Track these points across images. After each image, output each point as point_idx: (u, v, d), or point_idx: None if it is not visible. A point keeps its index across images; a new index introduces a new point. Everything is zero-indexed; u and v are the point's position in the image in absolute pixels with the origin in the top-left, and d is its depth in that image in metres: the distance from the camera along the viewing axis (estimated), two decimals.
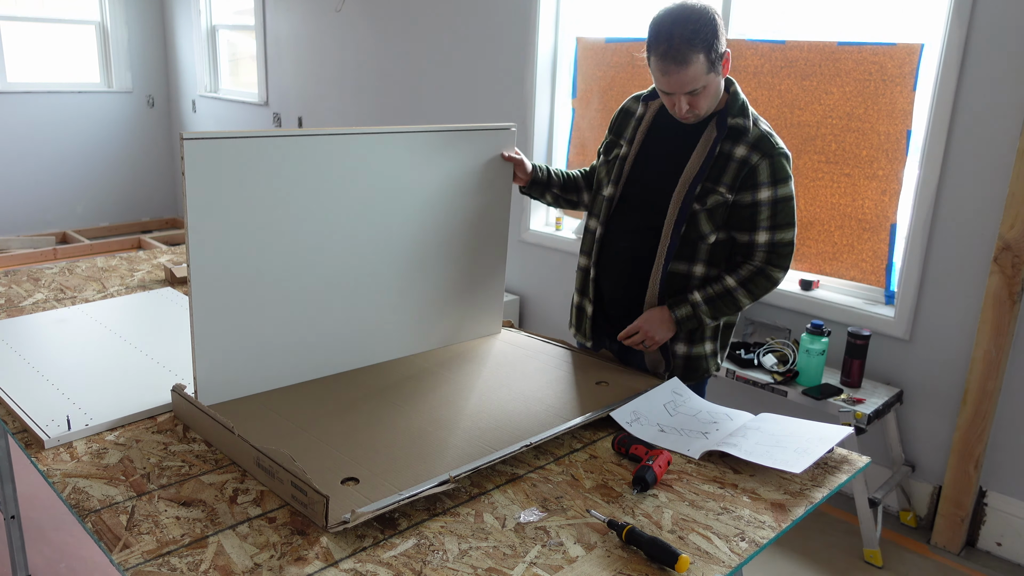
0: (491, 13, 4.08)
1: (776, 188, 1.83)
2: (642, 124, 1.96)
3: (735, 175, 1.83)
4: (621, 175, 1.97)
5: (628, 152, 1.97)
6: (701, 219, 1.85)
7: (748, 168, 1.82)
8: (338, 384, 1.77)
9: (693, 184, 1.84)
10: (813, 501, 1.42)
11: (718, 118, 1.85)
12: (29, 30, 6.23)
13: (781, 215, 1.85)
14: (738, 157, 1.83)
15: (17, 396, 1.67)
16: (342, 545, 1.25)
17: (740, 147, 1.83)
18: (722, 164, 1.84)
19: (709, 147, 1.84)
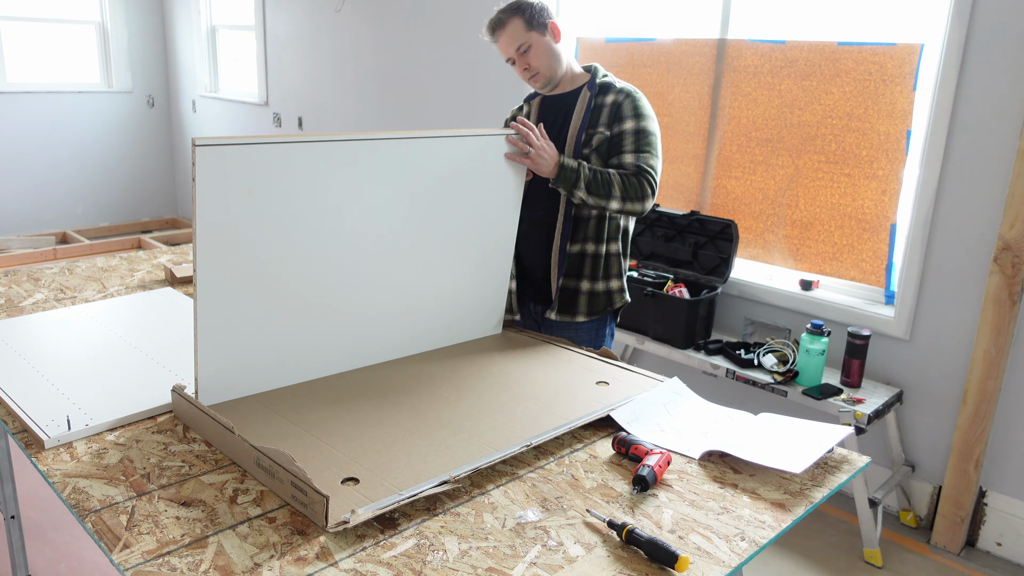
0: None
1: (638, 120, 2.15)
2: (530, 116, 2.30)
3: (608, 115, 2.16)
4: None
5: None
6: (592, 159, 2.15)
7: (616, 106, 2.16)
8: (338, 384, 1.77)
9: (579, 133, 2.16)
10: (813, 501, 1.42)
11: (588, 82, 2.21)
12: (29, 30, 6.23)
13: (643, 143, 2.14)
14: (608, 102, 2.17)
15: (17, 396, 1.67)
16: (342, 545, 1.25)
17: (609, 95, 2.18)
18: (598, 112, 2.17)
19: (586, 103, 2.18)
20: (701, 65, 3.39)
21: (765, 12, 3.25)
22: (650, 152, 2.13)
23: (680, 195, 3.56)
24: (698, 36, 3.41)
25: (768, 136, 3.23)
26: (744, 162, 3.32)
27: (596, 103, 2.17)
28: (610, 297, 2.27)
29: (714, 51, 3.34)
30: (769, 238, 3.31)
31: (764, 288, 3.26)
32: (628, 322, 3.30)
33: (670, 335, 3.16)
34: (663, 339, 3.19)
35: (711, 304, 3.21)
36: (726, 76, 3.32)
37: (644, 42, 3.58)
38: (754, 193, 3.32)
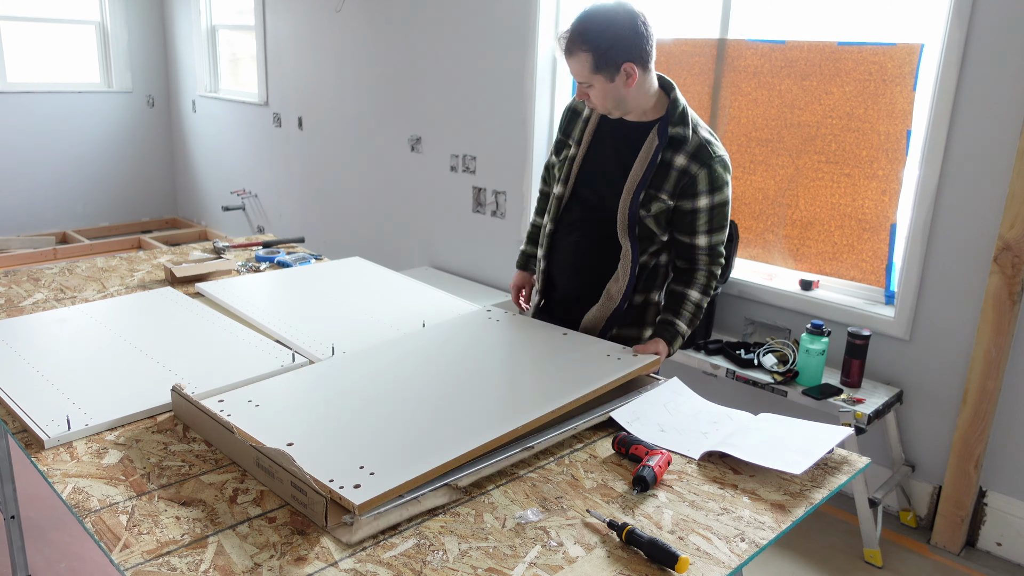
0: (491, 13, 4.08)
1: (713, 196, 1.94)
2: (588, 125, 2.06)
3: (675, 183, 1.93)
4: (570, 175, 2.07)
5: (576, 152, 2.06)
6: (649, 223, 1.97)
7: (688, 177, 1.92)
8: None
9: (637, 191, 1.94)
10: (813, 502, 1.42)
11: (659, 126, 1.94)
12: (29, 30, 6.23)
13: (717, 219, 1.98)
14: (678, 166, 1.92)
15: (17, 396, 1.67)
16: (342, 545, 1.25)
17: (680, 156, 1.92)
18: (663, 172, 1.93)
19: (651, 155, 1.93)
20: (701, 65, 3.39)
21: (765, 12, 3.25)
22: (722, 227, 1.99)
23: None
24: (698, 36, 3.41)
25: (768, 136, 3.23)
26: (744, 162, 3.32)
27: (663, 159, 1.92)
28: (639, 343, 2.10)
29: (714, 51, 3.34)
30: (769, 238, 3.31)
31: (764, 288, 3.26)
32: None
33: None
34: None
35: (711, 304, 3.21)
36: (726, 76, 3.32)
37: None
38: (754, 193, 3.32)
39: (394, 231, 4.97)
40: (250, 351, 1.94)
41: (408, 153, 4.74)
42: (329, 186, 5.42)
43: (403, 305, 2.34)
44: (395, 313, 2.26)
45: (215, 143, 6.51)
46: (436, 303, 2.37)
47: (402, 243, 4.92)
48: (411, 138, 4.68)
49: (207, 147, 6.62)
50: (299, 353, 1.94)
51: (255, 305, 2.28)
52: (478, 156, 4.30)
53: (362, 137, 5.06)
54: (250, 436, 1.47)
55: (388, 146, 4.86)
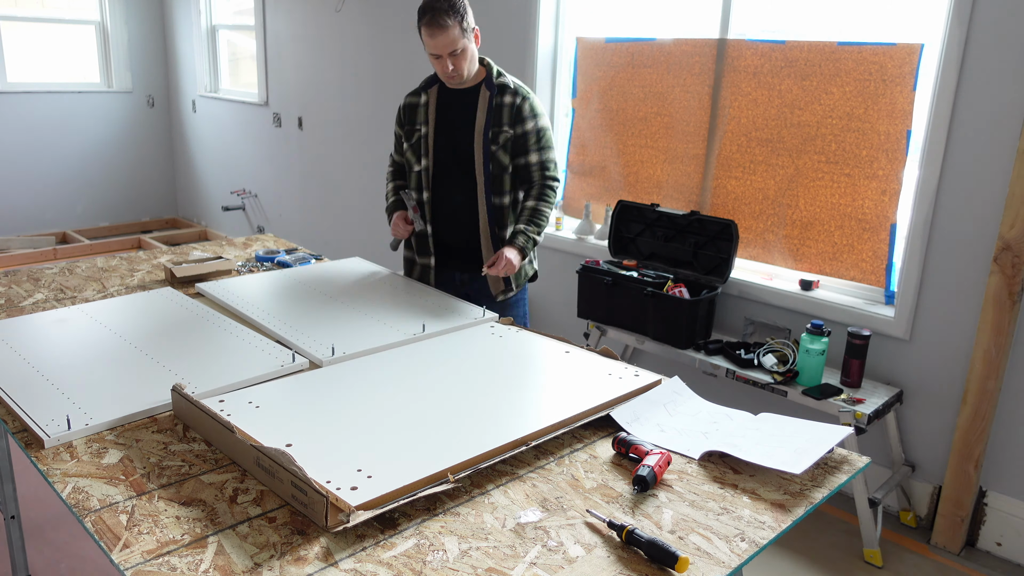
0: (491, 13, 4.08)
1: (537, 119, 2.48)
2: (430, 106, 2.53)
3: (509, 114, 2.46)
4: (428, 148, 2.52)
5: (427, 130, 2.52)
6: (500, 155, 2.46)
7: (516, 108, 2.46)
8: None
9: (485, 131, 2.44)
10: (813, 501, 1.42)
11: (486, 83, 2.47)
12: (29, 30, 6.23)
13: (544, 140, 2.51)
14: (507, 103, 2.46)
15: (17, 396, 1.67)
16: (342, 545, 1.25)
17: (507, 96, 2.47)
18: (499, 110, 2.46)
19: (488, 102, 2.45)
20: (701, 65, 3.39)
21: (765, 12, 3.25)
22: (549, 147, 2.52)
23: (680, 195, 3.56)
24: (698, 36, 3.41)
25: (768, 136, 3.23)
26: (744, 162, 3.32)
27: (496, 103, 2.45)
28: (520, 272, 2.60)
29: (714, 51, 3.34)
30: (769, 238, 3.31)
31: (764, 288, 3.26)
32: (628, 322, 3.30)
33: (670, 335, 3.16)
34: (663, 339, 3.19)
35: (711, 304, 3.21)
36: (726, 76, 3.32)
37: (644, 42, 3.58)
38: (754, 193, 3.32)
39: None
40: (250, 351, 1.94)
41: None
42: (329, 186, 5.42)
43: (403, 306, 2.34)
44: (395, 314, 2.26)
45: (215, 143, 6.51)
46: (436, 304, 2.37)
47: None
48: None
49: (207, 147, 6.62)
50: (299, 353, 1.94)
51: (255, 305, 2.28)
52: None
53: (362, 137, 5.06)
54: (250, 436, 1.47)
55: (388, 146, 4.86)
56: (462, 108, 2.48)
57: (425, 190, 2.55)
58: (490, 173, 2.45)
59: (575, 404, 1.69)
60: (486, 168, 2.45)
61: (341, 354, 1.93)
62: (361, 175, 5.13)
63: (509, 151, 2.47)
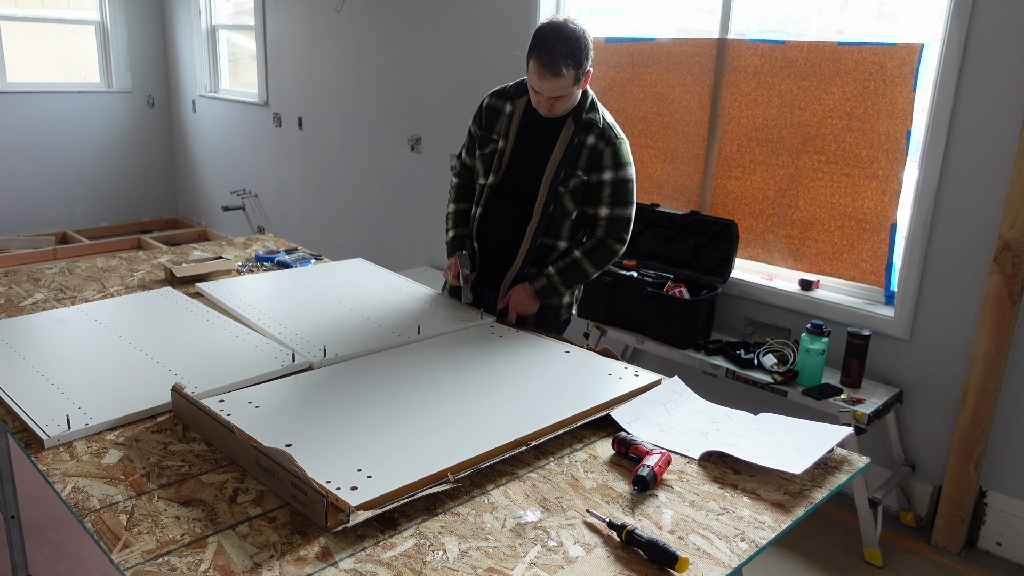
0: (491, 12, 4.08)
1: (617, 171, 2.22)
2: (513, 121, 2.29)
3: (587, 159, 2.21)
4: (501, 166, 2.30)
5: (504, 146, 2.30)
6: (565, 199, 2.23)
7: (596, 153, 2.21)
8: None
9: (558, 170, 2.21)
10: (813, 501, 1.42)
11: (575, 115, 2.22)
12: (29, 30, 6.23)
13: (620, 194, 2.23)
14: (588, 145, 2.21)
15: (17, 396, 1.67)
16: (342, 545, 1.25)
17: (591, 137, 2.21)
18: (578, 152, 2.22)
19: (569, 139, 2.21)
20: (701, 65, 3.39)
21: (765, 12, 3.25)
22: (625, 201, 2.25)
23: (680, 195, 3.56)
24: (698, 36, 3.41)
25: (768, 136, 3.23)
26: (744, 162, 3.32)
27: (578, 141, 2.21)
28: (557, 312, 2.36)
29: (714, 51, 3.34)
30: (769, 238, 3.31)
31: (764, 288, 3.26)
32: (628, 322, 3.30)
33: (670, 335, 3.16)
34: (663, 339, 3.19)
35: (711, 304, 3.21)
36: (726, 76, 3.32)
37: (644, 42, 3.58)
38: (754, 193, 3.32)
39: (394, 231, 4.97)
40: (250, 351, 1.94)
41: (408, 153, 4.74)
42: (329, 186, 5.42)
43: (403, 308, 2.34)
44: (395, 316, 2.26)
45: (215, 143, 6.51)
46: (437, 306, 2.37)
47: (402, 243, 4.92)
48: (411, 138, 4.68)
49: (207, 147, 6.62)
50: (296, 354, 1.94)
51: (254, 305, 2.28)
52: None
53: (362, 137, 5.06)
54: (250, 436, 1.47)
55: (388, 146, 4.86)
56: (543, 135, 2.25)
57: (480, 206, 2.36)
58: (549, 214, 2.24)
59: (575, 404, 1.69)
60: (545, 208, 2.23)
61: (333, 356, 1.93)
62: (361, 175, 5.13)
63: (577, 198, 2.23)
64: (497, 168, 2.30)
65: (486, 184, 2.33)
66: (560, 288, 2.26)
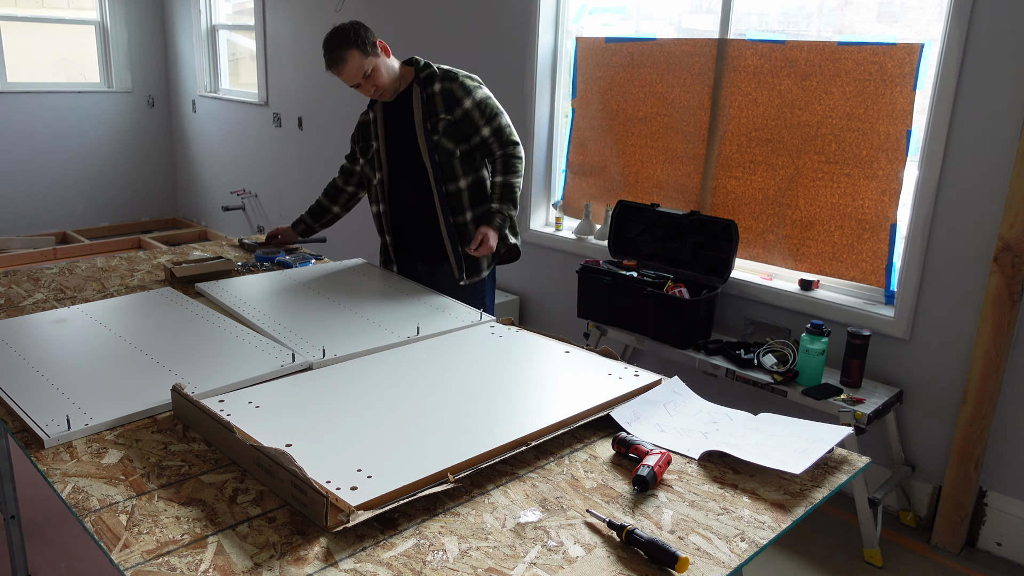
0: (491, 13, 4.08)
1: (472, 95, 2.53)
2: (378, 121, 2.61)
3: (442, 103, 2.52)
4: (381, 161, 2.61)
5: (378, 144, 2.61)
6: (443, 142, 2.51)
7: (446, 94, 2.52)
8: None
9: (424, 124, 2.50)
10: (813, 501, 1.42)
11: (415, 80, 2.53)
12: (29, 30, 6.23)
13: (487, 110, 2.55)
14: (437, 91, 2.53)
15: (17, 396, 1.67)
16: (342, 545, 1.25)
17: (435, 84, 2.53)
18: (431, 101, 2.52)
19: (421, 98, 2.51)
20: (701, 65, 3.39)
21: (765, 12, 3.25)
22: (495, 113, 2.56)
23: (680, 195, 3.56)
24: (698, 36, 3.41)
25: (768, 136, 3.23)
26: (744, 162, 3.32)
27: (427, 95, 2.52)
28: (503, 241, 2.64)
29: (714, 51, 3.34)
30: (769, 238, 3.31)
31: (764, 288, 3.26)
32: (628, 322, 3.30)
33: (670, 335, 3.16)
34: (663, 339, 3.19)
35: (711, 304, 3.21)
36: (726, 76, 3.32)
37: (644, 42, 3.58)
38: (754, 193, 3.32)
39: None
40: (250, 351, 1.94)
41: None
42: None
43: (403, 308, 2.34)
44: (395, 316, 2.26)
45: (215, 143, 6.51)
46: (437, 307, 2.37)
47: None
48: None
49: (207, 147, 6.62)
50: (296, 354, 1.94)
51: (254, 305, 2.28)
52: None
53: None
54: (250, 436, 1.47)
55: None
56: (403, 113, 2.56)
57: (381, 202, 2.66)
58: (437, 162, 2.51)
59: (575, 404, 1.69)
60: (432, 158, 2.51)
61: (332, 356, 1.93)
62: None
63: (453, 136, 2.52)
64: (379, 163, 2.61)
65: (377, 183, 2.64)
66: (509, 212, 2.56)
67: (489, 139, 2.56)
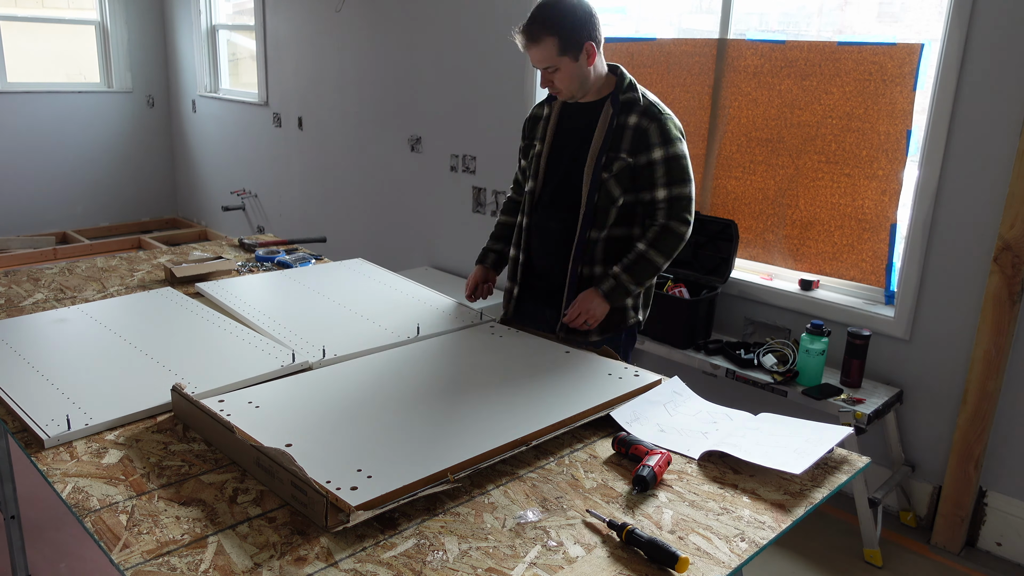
0: (491, 12, 4.08)
1: (667, 147, 2.09)
2: (550, 122, 2.23)
3: (631, 140, 2.09)
4: (539, 169, 2.24)
5: (542, 148, 2.24)
6: (610, 184, 2.11)
7: (640, 132, 2.08)
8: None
9: (599, 156, 2.10)
10: (813, 501, 1.42)
11: (611, 97, 2.12)
12: (29, 30, 6.23)
13: (674, 171, 2.10)
14: (631, 124, 2.09)
15: (17, 396, 1.67)
16: (342, 545, 1.25)
17: (632, 116, 2.10)
18: (619, 133, 2.10)
19: (608, 122, 2.10)
20: (701, 65, 3.39)
21: (765, 12, 3.25)
22: (682, 179, 2.10)
23: None
24: (698, 36, 3.41)
25: (768, 136, 3.23)
26: (744, 162, 3.32)
27: (618, 123, 2.09)
28: (624, 315, 2.22)
29: (714, 51, 3.34)
30: (769, 238, 3.31)
31: (764, 288, 3.26)
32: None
33: (670, 335, 3.16)
34: (663, 339, 3.19)
35: (711, 304, 3.21)
36: (726, 76, 3.32)
37: (644, 42, 3.58)
38: (754, 193, 3.32)
39: (394, 231, 4.97)
40: (250, 351, 1.94)
41: (408, 153, 4.74)
42: (329, 186, 5.42)
43: (403, 308, 2.34)
44: (395, 316, 2.26)
45: (215, 143, 6.51)
46: (437, 306, 2.37)
47: (402, 243, 4.92)
48: (411, 138, 4.68)
49: (207, 147, 6.62)
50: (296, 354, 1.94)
51: (254, 305, 2.28)
52: (478, 156, 4.30)
53: (362, 137, 5.06)
54: (250, 436, 1.47)
55: (388, 146, 4.86)
56: (582, 126, 2.15)
57: (525, 215, 2.28)
58: (593, 204, 2.11)
59: (575, 404, 1.69)
60: (590, 198, 2.11)
61: (332, 356, 1.93)
62: (361, 175, 5.13)
63: (624, 182, 2.10)
64: (536, 172, 2.23)
65: (528, 191, 2.27)
66: (629, 286, 2.11)
67: (660, 204, 2.12)
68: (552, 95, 2.22)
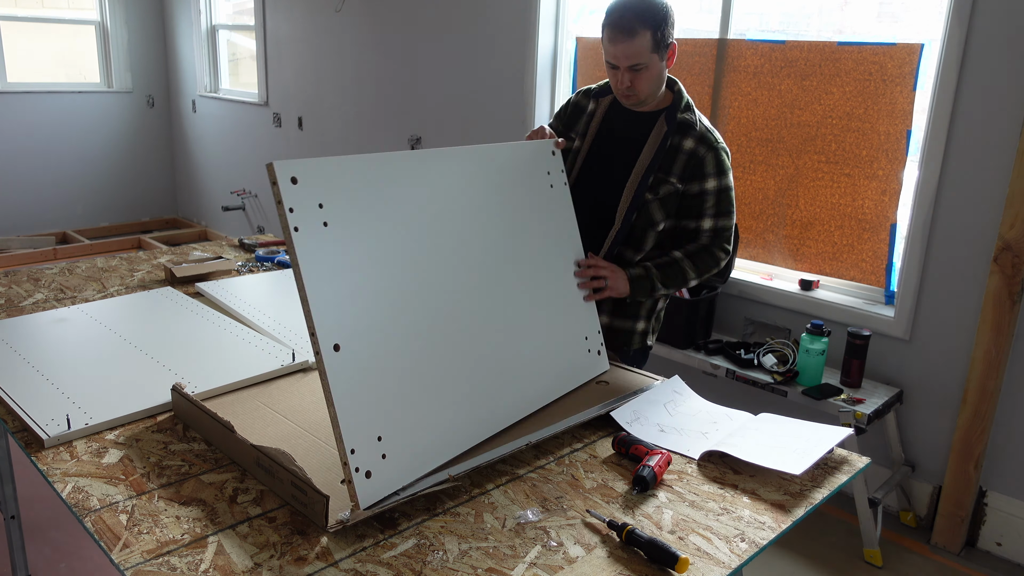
0: (491, 13, 4.08)
1: (720, 179, 2.00)
2: (594, 119, 2.09)
3: (684, 166, 1.98)
4: (574, 166, 2.09)
5: (581, 145, 2.09)
6: (653, 207, 1.99)
7: (696, 160, 1.98)
8: None
9: (647, 174, 1.98)
10: (813, 502, 1.42)
11: (667, 114, 1.99)
12: (29, 30, 6.23)
13: (723, 203, 2.02)
14: (687, 149, 1.98)
15: (17, 396, 1.67)
16: (342, 545, 1.25)
17: (688, 140, 1.98)
18: (672, 156, 1.99)
19: (660, 140, 1.98)
20: (701, 65, 3.39)
21: (765, 12, 3.25)
22: (728, 211, 2.04)
23: None
24: (698, 36, 3.41)
25: (768, 136, 3.23)
26: (744, 162, 3.32)
27: (671, 143, 1.98)
28: (629, 337, 2.13)
29: (714, 51, 3.34)
30: (769, 238, 3.31)
31: (764, 288, 3.26)
32: None
33: (670, 335, 3.16)
34: (663, 339, 3.19)
35: (711, 304, 3.21)
36: (726, 76, 3.32)
37: None
38: (754, 193, 3.32)
39: None
40: (250, 351, 1.94)
41: None
42: None
43: None
44: None
45: (215, 143, 6.51)
46: None
47: None
48: (411, 138, 4.68)
49: (207, 147, 6.62)
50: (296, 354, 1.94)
51: (254, 305, 2.28)
52: None
53: (362, 137, 5.06)
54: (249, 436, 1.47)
55: (388, 146, 4.86)
56: (630, 136, 2.02)
57: None
58: (629, 222, 2.00)
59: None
60: (628, 216, 1.99)
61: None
62: None
63: (668, 208, 2.00)
64: (570, 169, 2.06)
65: None
66: (656, 282, 1.98)
67: (705, 233, 2.03)
68: (600, 90, 2.10)
